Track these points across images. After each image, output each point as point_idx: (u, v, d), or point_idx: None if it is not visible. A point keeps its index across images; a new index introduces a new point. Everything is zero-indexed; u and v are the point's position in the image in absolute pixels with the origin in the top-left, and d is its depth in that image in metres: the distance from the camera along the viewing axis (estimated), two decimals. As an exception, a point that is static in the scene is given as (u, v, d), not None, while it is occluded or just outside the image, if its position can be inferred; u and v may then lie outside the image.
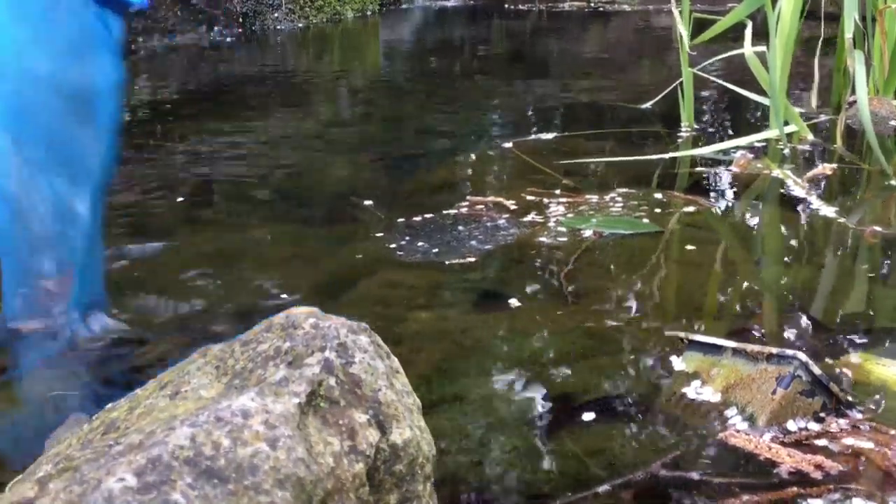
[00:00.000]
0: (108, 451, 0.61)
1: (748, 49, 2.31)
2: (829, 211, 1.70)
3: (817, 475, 0.88)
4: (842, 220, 1.65)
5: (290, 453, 0.61)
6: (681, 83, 2.45)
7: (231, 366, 0.73)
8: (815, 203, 1.75)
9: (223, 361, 0.74)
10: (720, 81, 2.67)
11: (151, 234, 1.66)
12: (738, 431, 0.95)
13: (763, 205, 1.79)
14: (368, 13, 6.09)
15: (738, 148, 2.15)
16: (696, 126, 2.45)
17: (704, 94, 2.93)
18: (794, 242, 1.58)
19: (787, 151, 2.16)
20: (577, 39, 5.08)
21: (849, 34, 2.22)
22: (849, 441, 0.94)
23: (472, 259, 1.50)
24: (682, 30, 2.37)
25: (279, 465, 0.60)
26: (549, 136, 2.41)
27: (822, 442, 0.94)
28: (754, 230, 1.62)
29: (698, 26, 2.44)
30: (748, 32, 2.36)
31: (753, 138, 2.21)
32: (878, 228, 1.58)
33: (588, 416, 1.02)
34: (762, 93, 2.41)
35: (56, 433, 0.98)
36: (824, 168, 1.95)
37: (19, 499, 0.58)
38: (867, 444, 0.93)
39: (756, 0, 2.32)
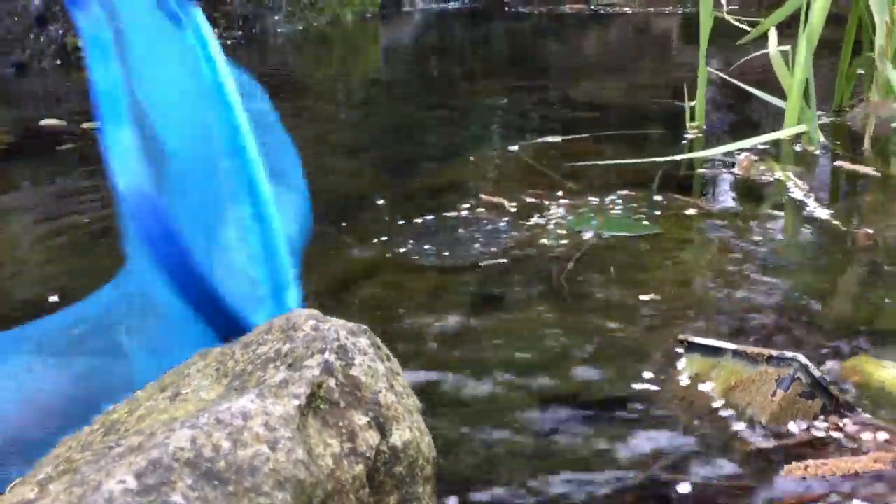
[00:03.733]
0: (108, 452, 0.61)
1: (773, 49, 2.32)
2: (830, 213, 1.70)
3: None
4: (841, 222, 1.65)
5: (290, 455, 0.61)
6: (694, 84, 2.44)
7: (231, 368, 0.73)
8: (818, 206, 1.75)
9: (223, 363, 0.74)
10: (735, 82, 2.66)
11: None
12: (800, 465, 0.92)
13: (765, 207, 1.79)
14: (368, 16, 6.09)
15: (742, 150, 2.15)
16: (705, 127, 2.44)
17: (710, 94, 2.92)
18: (794, 245, 1.58)
19: (817, 151, 2.16)
20: (578, 42, 5.08)
21: (881, 42, 2.21)
22: (849, 443, 0.94)
23: (473, 261, 1.50)
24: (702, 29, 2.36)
25: (279, 467, 0.60)
26: (553, 138, 2.41)
27: (822, 444, 0.94)
28: (755, 232, 1.62)
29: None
30: (773, 33, 2.37)
31: (763, 139, 2.21)
32: (869, 231, 1.58)
33: (588, 418, 1.02)
34: (771, 94, 2.42)
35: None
36: (863, 167, 1.95)
37: (20, 500, 0.58)
38: (867, 446, 0.93)
39: (796, 1, 2.33)
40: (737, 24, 2.59)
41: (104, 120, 0.74)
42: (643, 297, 1.33)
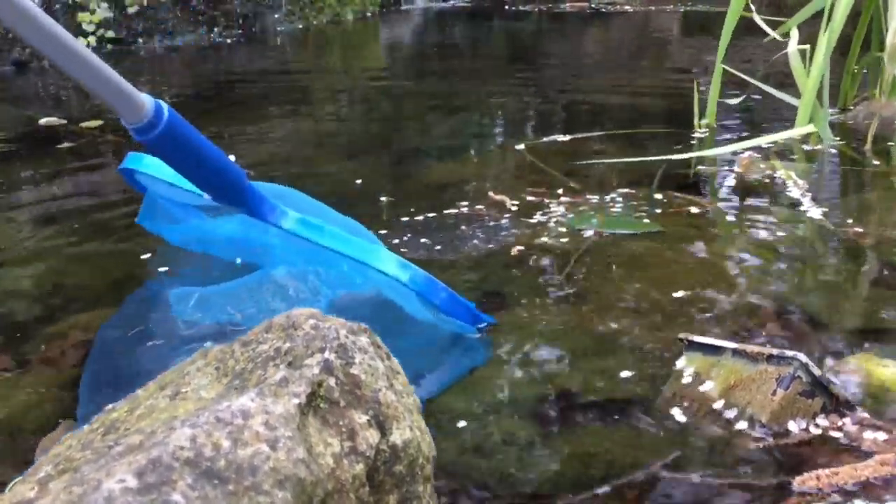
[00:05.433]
0: (108, 451, 0.61)
1: (793, 47, 2.32)
2: (827, 213, 1.70)
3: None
4: (839, 221, 1.65)
5: (291, 454, 0.61)
6: (700, 82, 2.43)
7: (231, 366, 0.73)
8: (814, 205, 1.75)
9: (223, 362, 0.74)
10: (750, 80, 2.65)
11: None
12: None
13: (764, 206, 1.79)
14: (368, 14, 6.09)
15: (747, 149, 2.14)
16: (715, 125, 2.44)
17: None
18: (794, 243, 1.58)
19: (826, 150, 2.16)
20: (579, 40, 5.08)
21: (893, 39, 2.21)
22: (849, 442, 0.94)
23: (474, 258, 1.50)
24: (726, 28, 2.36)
25: (279, 466, 0.60)
26: (555, 137, 2.41)
27: (823, 443, 0.94)
28: (754, 230, 1.62)
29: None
30: (794, 32, 2.37)
31: (771, 138, 2.20)
32: (859, 229, 1.58)
33: (588, 417, 1.02)
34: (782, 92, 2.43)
35: (48, 437, 0.98)
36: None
37: (20, 499, 0.58)
38: (868, 446, 0.93)
39: (820, 1, 2.33)
40: (761, 24, 2.57)
41: (369, 263, 1.20)
42: (643, 296, 1.33)
